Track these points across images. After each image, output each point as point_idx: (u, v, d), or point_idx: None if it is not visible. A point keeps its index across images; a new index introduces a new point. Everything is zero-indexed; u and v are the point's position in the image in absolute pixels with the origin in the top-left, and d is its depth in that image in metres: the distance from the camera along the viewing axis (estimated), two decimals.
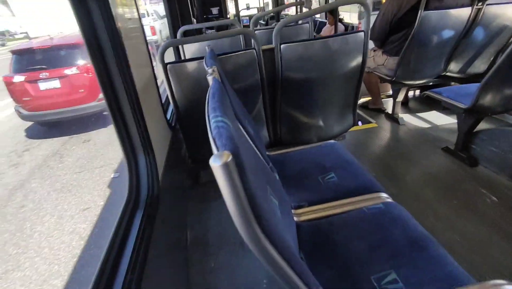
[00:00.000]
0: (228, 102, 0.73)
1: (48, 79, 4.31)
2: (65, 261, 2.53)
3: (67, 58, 4.48)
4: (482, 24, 2.23)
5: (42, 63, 4.33)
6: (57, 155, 4.33)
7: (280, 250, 0.46)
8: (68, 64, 4.43)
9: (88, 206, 3.21)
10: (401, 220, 0.98)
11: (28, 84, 4.29)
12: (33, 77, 4.27)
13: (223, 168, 0.40)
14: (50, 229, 2.92)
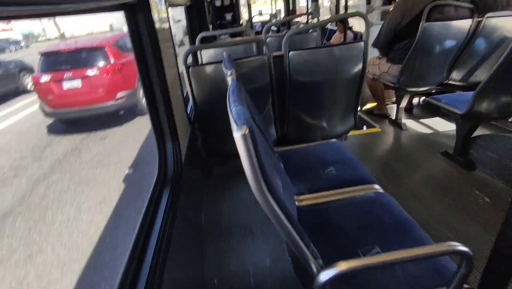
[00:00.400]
0: (244, 99, 0.89)
1: (71, 79, 4.63)
2: (82, 248, 2.72)
3: (88, 60, 4.81)
4: (483, 35, 2.33)
5: (66, 64, 4.68)
6: (76, 151, 4.59)
7: (281, 205, 0.63)
8: (89, 65, 4.75)
9: (104, 199, 3.41)
10: (390, 206, 1.12)
11: (53, 83, 4.61)
12: (58, 77, 4.61)
13: (243, 138, 0.56)
14: (69, 219, 3.13)
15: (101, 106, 4.88)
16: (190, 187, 1.65)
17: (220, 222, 1.82)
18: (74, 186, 3.74)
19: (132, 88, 5.16)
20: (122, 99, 5.01)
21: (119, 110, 5.17)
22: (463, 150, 2.11)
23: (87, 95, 4.76)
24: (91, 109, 4.89)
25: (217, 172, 2.41)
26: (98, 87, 4.78)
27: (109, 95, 4.84)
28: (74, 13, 0.71)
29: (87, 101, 4.81)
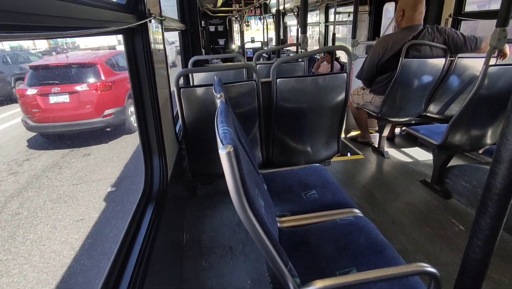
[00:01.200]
0: (231, 121, 0.93)
1: (59, 93, 4.61)
2: (54, 270, 2.57)
3: (79, 75, 4.84)
4: (456, 73, 2.53)
5: (55, 79, 4.67)
6: (56, 166, 4.44)
7: (261, 223, 0.65)
8: (79, 81, 4.77)
9: (82, 218, 3.26)
10: (367, 229, 1.16)
11: (39, 97, 4.57)
12: (45, 91, 4.57)
13: (227, 155, 0.60)
14: (42, 238, 2.96)
15: (88, 122, 4.84)
16: (174, 204, 1.65)
17: (201, 241, 1.80)
18: (51, 203, 3.57)
19: (121, 106, 5.15)
20: (110, 116, 4.98)
21: (106, 128, 5.12)
22: (439, 179, 2.21)
23: (74, 110, 4.72)
24: (77, 124, 4.83)
25: (201, 191, 2.41)
26: (86, 103, 4.76)
27: (97, 111, 4.82)
28: (77, 36, 0.75)
29: (74, 117, 4.77)
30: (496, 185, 0.61)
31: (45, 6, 0.60)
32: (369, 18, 4.22)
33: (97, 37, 7.95)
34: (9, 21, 0.50)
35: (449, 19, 2.88)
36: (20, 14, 0.52)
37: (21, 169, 4.39)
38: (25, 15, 0.54)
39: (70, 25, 0.69)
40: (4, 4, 0.48)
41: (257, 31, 10.94)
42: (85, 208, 3.45)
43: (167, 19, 1.80)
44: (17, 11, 0.51)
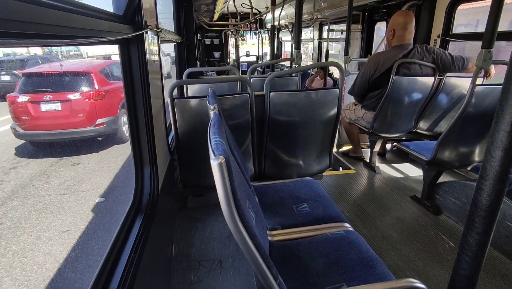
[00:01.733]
0: (224, 132, 0.93)
1: (51, 101, 4.55)
2: (35, 283, 2.46)
3: (72, 84, 4.82)
4: (444, 91, 2.61)
5: (48, 86, 4.64)
6: (44, 175, 4.32)
7: (251, 235, 0.65)
8: (73, 90, 4.73)
9: (68, 229, 3.16)
10: (358, 244, 1.15)
11: (30, 104, 4.50)
12: (37, 98, 4.51)
13: (219, 166, 0.60)
14: (25, 249, 2.84)
15: (79, 131, 4.77)
16: (163, 216, 1.62)
17: (190, 254, 1.77)
18: (37, 213, 3.46)
19: (113, 116, 5.11)
20: (102, 125, 4.93)
21: (97, 137, 5.05)
22: (429, 195, 2.23)
23: (65, 118, 4.67)
24: (68, 133, 4.77)
25: (192, 203, 2.38)
26: (78, 111, 4.72)
27: (88, 120, 4.78)
28: (73, 45, 0.76)
29: (65, 125, 4.71)
30: (482, 201, 0.62)
31: (43, 15, 0.61)
32: (361, 36, 4.36)
33: (103, 45, 7.98)
34: (7, 28, 0.51)
35: (438, 40, 2.99)
36: (18, 22, 0.53)
37: (7, 177, 4.26)
38: (23, 24, 0.54)
39: (67, 34, 0.70)
40: (3, 12, 0.49)
41: (252, 45, 11.13)
42: (71, 219, 3.35)
43: (163, 31, 1.82)
44: (15, 19, 0.52)
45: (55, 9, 0.65)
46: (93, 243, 2.93)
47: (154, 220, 1.28)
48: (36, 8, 0.58)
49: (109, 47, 10.72)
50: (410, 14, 2.50)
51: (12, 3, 0.51)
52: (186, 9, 3.49)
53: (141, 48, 1.22)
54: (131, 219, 1.17)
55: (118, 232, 1.05)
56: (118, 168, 4.54)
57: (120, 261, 0.93)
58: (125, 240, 1.03)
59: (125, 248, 0.99)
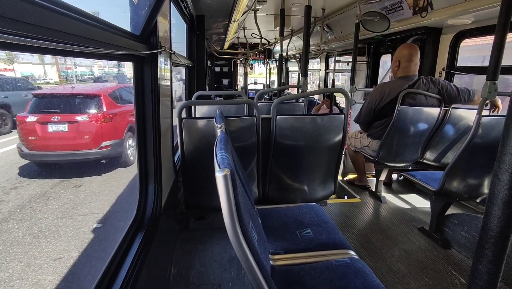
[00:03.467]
0: (230, 150, 0.91)
1: (58, 122, 4.62)
2: None
3: (81, 106, 4.89)
4: (450, 122, 2.61)
5: (56, 108, 4.72)
6: (43, 197, 4.22)
7: (253, 251, 0.63)
8: (81, 112, 4.80)
9: (61, 256, 3.00)
10: (363, 273, 1.10)
11: (38, 124, 4.55)
12: (45, 119, 4.57)
13: (224, 178, 0.60)
14: (12, 277, 2.67)
15: (83, 152, 4.76)
16: (164, 235, 1.59)
17: (189, 277, 1.70)
18: (30, 237, 3.29)
19: (119, 139, 5.12)
20: (107, 148, 4.92)
21: (101, 159, 5.04)
22: (438, 227, 2.16)
23: (71, 140, 4.70)
24: (72, 154, 4.76)
25: (194, 225, 2.33)
26: (84, 133, 4.75)
27: (94, 142, 4.78)
28: (93, 55, 0.78)
29: (70, 146, 4.72)
30: (492, 227, 0.60)
31: (70, 26, 0.65)
32: (367, 67, 4.48)
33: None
34: (42, 34, 0.55)
35: (443, 73, 3.05)
36: (48, 30, 0.58)
37: (7, 197, 4.19)
38: (53, 31, 0.59)
39: (88, 45, 0.74)
40: (37, 21, 0.53)
41: (260, 75, 11.49)
42: (66, 245, 3.19)
43: (176, 54, 1.88)
44: (45, 26, 0.57)
45: (81, 22, 0.71)
46: (85, 272, 2.79)
47: (155, 238, 1.25)
48: (66, 20, 0.63)
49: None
50: (415, 46, 2.57)
51: (47, 13, 0.56)
52: (199, 36, 3.65)
53: (154, 68, 1.26)
54: (132, 234, 1.15)
55: (119, 246, 1.03)
56: (119, 192, 4.45)
57: (118, 277, 0.89)
58: (125, 255, 1.00)
59: (124, 263, 0.96)
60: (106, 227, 3.61)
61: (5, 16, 0.47)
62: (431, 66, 3.12)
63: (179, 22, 3.23)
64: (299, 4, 3.69)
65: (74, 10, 0.69)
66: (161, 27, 1.40)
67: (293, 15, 4.35)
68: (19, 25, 0.50)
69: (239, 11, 3.12)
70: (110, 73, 11.83)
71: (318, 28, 4.38)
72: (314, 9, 3.70)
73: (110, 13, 1.00)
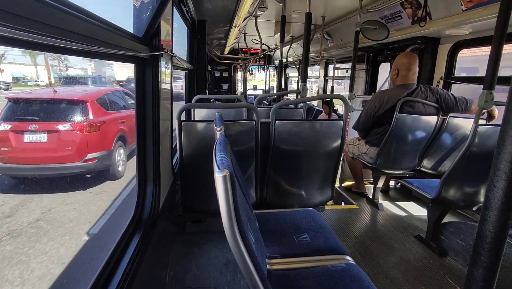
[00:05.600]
0: (229, 152, 0.93)
1: (36, 131, 3.94)
2: None
3: (63, 113, 4.24)
4: (448, 131, 2.63)
5: (35, 115, 4.07)
6: None
7: (250, 253, 0.62)
8: (63, 120, 4.14)
9: None
10: (359, 279, 1.10)
11: (12, 133, 3.87)
12: (20, 127, 3.90)
13: (223, 179, 0.60)
14: None
15: (64, 166, 4.05)
16: (161, 237, 1.58)
17: (185, 280, 1.69)
18: None
19: (107, 150, 4.48)
20: (93, 161, 4.24)
21: (85, 173, 4.33)
22: (434, 235, 2.16)
23: (51, 152, 4.00)
24: (51, 168, 4.04)
25: (191, 228, 2.32)
26: (66, 144, 4.06)
27: (77, 154, 4.11)
28: (97, 54, 0.80)
29: (49, 159, 4.02)
30: (487, 233, 0.61)
31: (76, 25, 0.67)
32: (366, 75, 4.52)
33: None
34: (49, 32, 0.57)
35: (440, 82, 3.09)
36: (53, 28, 0.59)
37: None
38: (58, 30, 0.60)
39: (93, 44, 0.75)
40: (44, 18, 0.54)
41: (261, 81, 11.53)
42: None
43: (177, 58, 1.91)
44: (50, 23, 0.57)
45: (87, 22, 0.72)
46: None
47: (152, 240, 1.25)
48: (73, 19, 0.65)
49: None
50: (414, 55, 2.61)
51: (55, 12, 0.58)
52: (200, 41, 3.69)
53: (156, 70, 1.28)
54: (130, 234, 1.14)
55: (116, 245, 1.02)
56: (104, 209, 3.68)
57: (114, 277, 0.89)
58: (122, 256, 1.00)
59: (120, 264, 0.96)
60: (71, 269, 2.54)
61: (15, 13, 0.48)
62: (429, 75, 3.16)
63: (180, 26, 3.27)
64: (299, 11, 3.74)
65: (81, 10, 0.71)
66: (163, 30, 1.41)
67: (294, 22, 4.40)
68: (26, 22, 0.51)
69: (240, 17, 3.16)
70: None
71: (318, 35, 4.42)
72: (315, 16, 3.75)
73: (113, 14, 1.03)
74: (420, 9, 2.60)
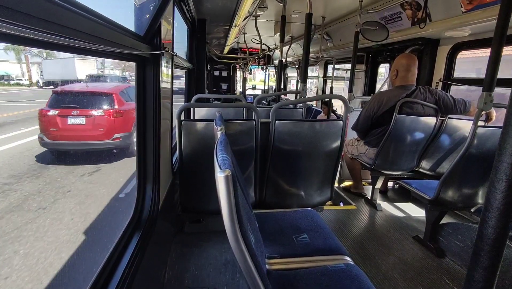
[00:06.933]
0: (230, 152, 0.93)
1: (77, 116, 5.23)
2: None
3: (97, 102, 5.56)
4: (446, 132, 2.64)
5: (76, 103, 5.37)
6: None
7: (251, 252, 0.63)
8: (96, 107, 5.47)
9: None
10: (358, 279, 1.11)
11: (59, 118, 5.10)
12: (65, 113, 5.16)
13: (225, 178, 0.61)
14: None
15: (98, 142, 5.41)
16: (160, 237, 1.58)
17: (184, 279, 1.69)
18: None
19: (128, 132, 5.60)
20: (118, 139, 5.39)
21: (113, 149, 5.60)
22: (433, 236, 2.17)
23: (88, 132, 5.34)
24: (88, 144, 5.40)
25: (189, 228, 2.32)
26: (99, 126, 5.38)
27: (107, 134, 5.40)
28: (99, 52, 0.80)
29: (87, 137, 5.39)
30: (487, 234, 0.61)
31: (78, 23, 0.67)
32: (365, 76, 4.53)
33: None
34: (51, 30, 0.57)
35: (439, 83, 3.10)
36: (57, 26, 0.59)
37: None
38: (61, 27, 0.60)
39: (94, 42, 0.75)
40: (45, 15, 0.54)
41: (261, 82, 11.53)
42: None
43: (177, 57, 1.90)
44: (55, 22, 0.58)
45: (89, 20, 0.72)
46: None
47: (151, 239, 1.25)
48: (75, 17, 0.65)
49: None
50: (413, 57, 2.61)
51: (57, 9, 0.58)
52: (199, 40, 3.68)
53: (156, 69, 1.28)
54: (129, 233, 1.14)
55: (115, 245, 1.02)
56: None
57: (114, 277, 0.89)
58: (121, 255, 1.00)
59: (120, 263, 0.95)
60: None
61: (17, 10, 0.48)
62: (429, 77, 3.17)
63: (179, 25, 3.27)
64: (299, 12, 3.74)
65: (83, 8, 0.71)
66: (164, 29, 1.41)
67: (294, 22, 4.40)
68: (28, 19, 0.51)
69: (240, 17, 3.16)
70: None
71: (317, 35, 4.43)
72: (315, 16, 3.75)
73: (115, 13, 1.03)
74: (420, 11, 2.61)
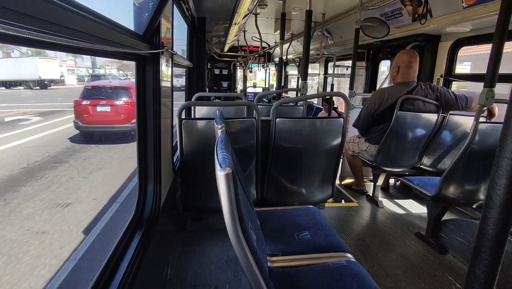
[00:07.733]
0: (230, 150, 0.93)
1: (104, 105, 6.82)
2: None
3: (118, 95, 7.10)
4: (448, 129, 2.63)
5: (103, 95, 7.01)
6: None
7: (252, 250, 0.63)
8: (118, 98, 7.00)
9: None
10: (359, 276, 1.11)
11: (90, 106, 6.71)
12: (95, 102, 6.76)
13: (225, 177, 0.61)
14: None
15: (120, 126, 6.92)
16: (162, 235, 1.59)
17: (186, 278, 1.70)
18: None
19: None
20: (135, 124, 6.48)
21: (131, 131, 6.78)
22: (434, 233, 2.17)
23: (112, 117, 6.87)
24: (113, 127, 6.98)
25: (191, 227, 2.33)
26: (121, 113, 6.87)
27: (127, 120, 6.81)
28: (99, 52, 0.80)
29: (112, 122, 6.91)
30: (489, 230, 0.61)
31: (77, 22, 0.67)
32: (366, 73, 4.51)
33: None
34: (51, 30, 0.57)
35: (441, 79, 3.08)
36: (55, 25, 0.59)
37: None
38: (59, 27, 0.60)
39: (94, 41, 0.75)
40: (44, 15, 0.54)
41: (262, 81, 11.52)
42: None
43: (177, 55, 1.90)
44: (53, 22, 0.58)
45: (88, 19, 0.73)
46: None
47: (153, 238, 1.25)
48: (74, 16, 0.65)
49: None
50: (414, 53, 2.60)
51: (55, 9, 0.58)
52: (199, 38, 3.68)
53: (156, 68, 1.28)
54: (131, 232, 1.14)
55: (117, 244, 1.02)
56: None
57: (116, 275, 0.89)
58: (123, 254, 1.00)
59: (122, 262, 0.96)
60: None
61: (15, 10, 0.48)
62: (430, 73, 3.16)
63: (179, 24, 3.27)
64: (299, 9, 3.72)
65: (82, 7, 0.71)
66: (164, 27, 1.41)
67: (294, 19, 4.38)
68: (27, 19, 0.51)
69: (240, 14, 3.15)
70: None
71: (318, 32, 4.41)
72: (315, 14, 3.74)
73: (113, 12, 1.03)
74: (420, 7, 2.59)
